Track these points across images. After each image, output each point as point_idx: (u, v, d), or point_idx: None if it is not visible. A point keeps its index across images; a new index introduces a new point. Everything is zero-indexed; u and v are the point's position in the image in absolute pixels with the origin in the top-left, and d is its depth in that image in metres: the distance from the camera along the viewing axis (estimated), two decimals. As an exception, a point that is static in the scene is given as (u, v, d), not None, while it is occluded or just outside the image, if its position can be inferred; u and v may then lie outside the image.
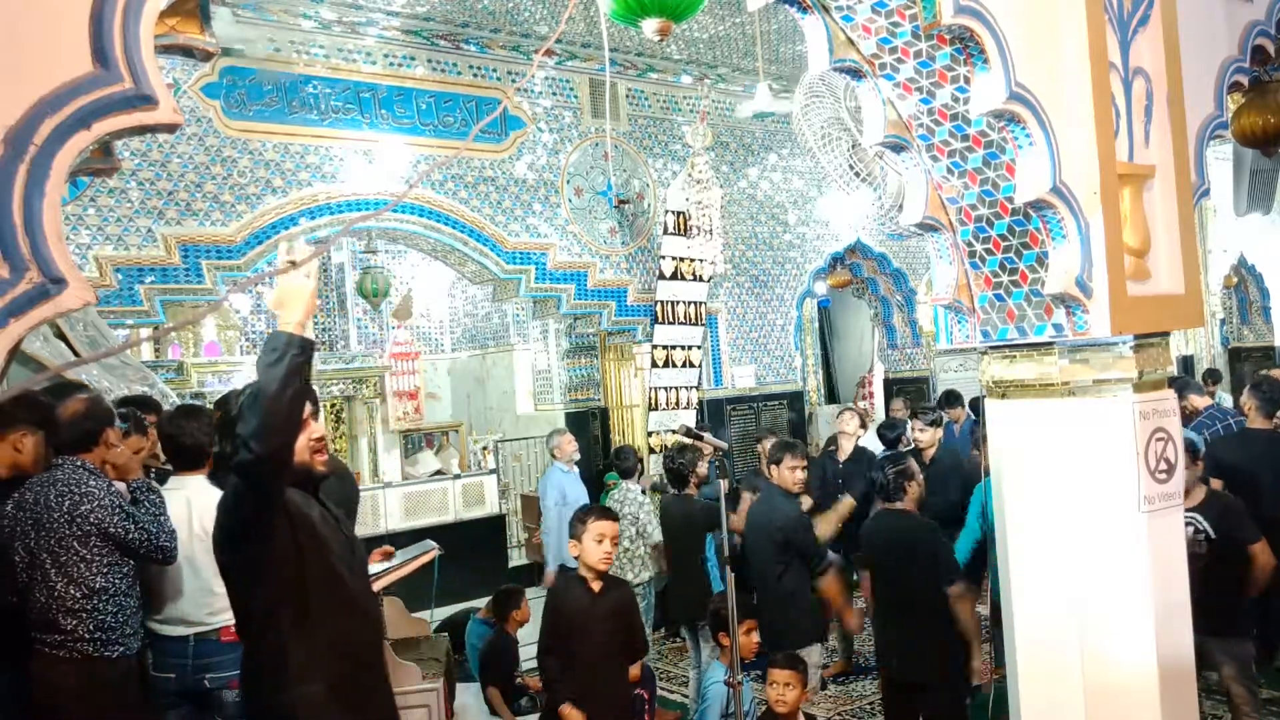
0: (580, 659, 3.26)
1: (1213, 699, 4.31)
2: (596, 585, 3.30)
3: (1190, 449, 3.84)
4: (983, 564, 4.61)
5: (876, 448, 7.54)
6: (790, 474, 4.41)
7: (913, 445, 5.74)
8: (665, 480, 5.53)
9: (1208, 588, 3.66)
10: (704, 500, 5.40)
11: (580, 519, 3.32)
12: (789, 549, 4.30)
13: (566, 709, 3.19)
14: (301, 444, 2.31)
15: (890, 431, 6.36)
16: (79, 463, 2.97)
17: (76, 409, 3.06)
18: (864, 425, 6.16)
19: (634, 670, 3.66)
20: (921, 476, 4.10)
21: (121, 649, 2.92)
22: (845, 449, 5.92)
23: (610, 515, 3.35)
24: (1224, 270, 12.52)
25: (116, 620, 2.92)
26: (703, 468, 5.23)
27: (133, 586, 3.03)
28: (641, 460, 6.60)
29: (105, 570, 2.91)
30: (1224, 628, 3.78)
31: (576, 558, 3.33)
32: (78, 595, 2.86)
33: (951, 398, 7.76)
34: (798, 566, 4.34)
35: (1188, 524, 3.80)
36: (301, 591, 2.25)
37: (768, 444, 6.18)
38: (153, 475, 3.55)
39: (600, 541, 3.25)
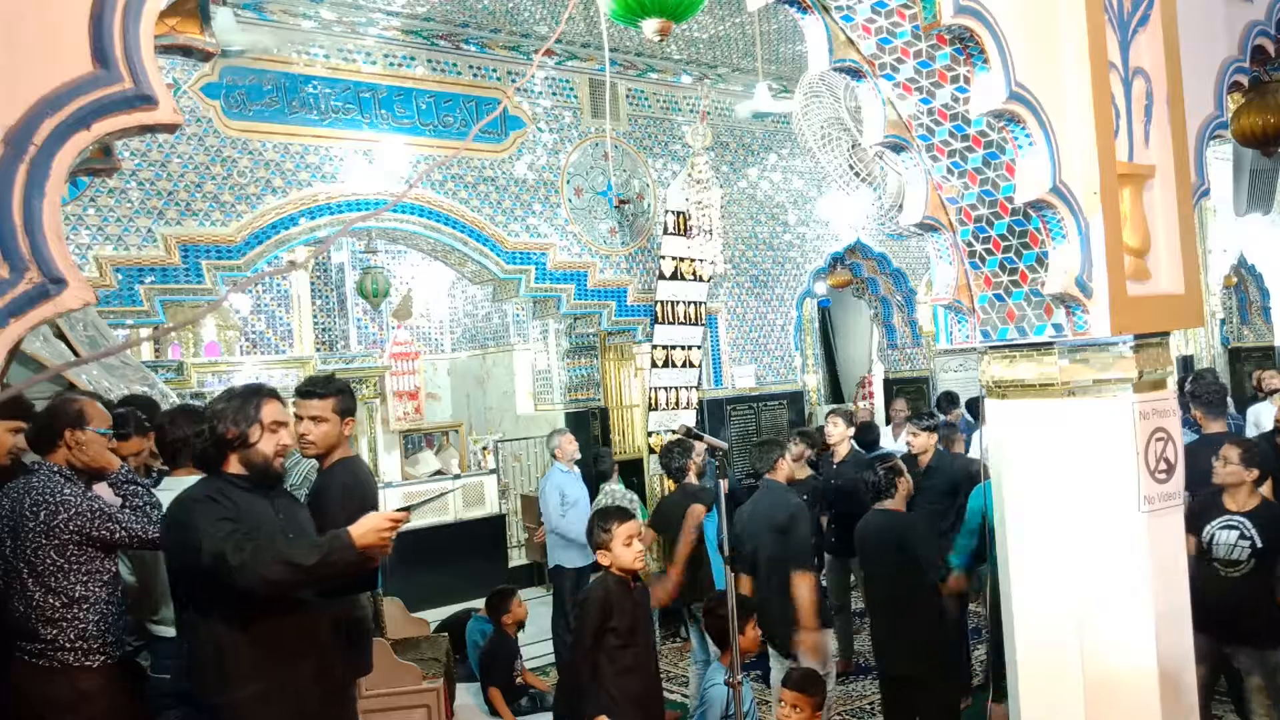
0: (639, 658, 3.24)
1: (1212, 700, 4.30)
2: (633, 585, 3.29)
3: (1247, 453, 3.75)
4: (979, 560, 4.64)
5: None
6: (796, 464, 4.55)
7: (907, 450, 5.72)
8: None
9: (1247, 597, 3.63)
10: (701, 486, 5.44)
11: (604, 527, 3.27)
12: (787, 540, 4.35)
13: None
14: (269, 447, 2.57)
15: (867, 434, 6.35)
16: (54, 468, 2.89)
17: (49, 407, 3.02)
18: (853, 424, 6.18)
19: None
20: (908, 474, 4.18)
21: (103, 658, 2.86)
22: (840, 452, 5.95)
23: (629, 515, 3.33)
24: (1224, 270, 12.52)
25: (98, 629, 2.86)
26: (697, 458, 5.32)
27: (114, 594, 2.96)
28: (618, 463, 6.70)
29: (85, 579, 2.85)
30: (1259, 638, 3.72)
31: (608, 566, 3.29)
32: (57, 604, 2.80)
33: (951, 399, 7.75)
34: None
35: (1233, 528, 3.72)
36: (239, 599, 2.38)
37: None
38: (154, 475, 3.54)
39: (630, 544, 3.23)
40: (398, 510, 2.40)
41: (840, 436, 5.90)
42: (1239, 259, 12.68)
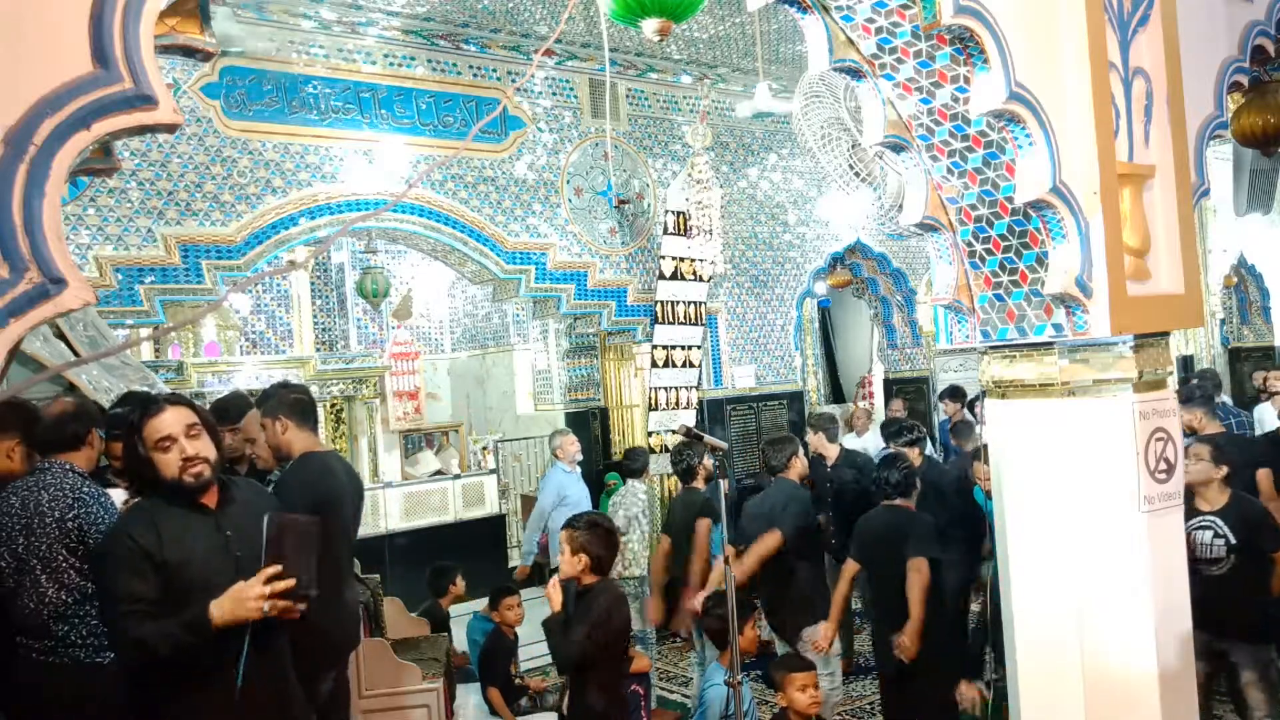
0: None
1: (1212, 700, 4.30)
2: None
3: (1218, 450, 3.79)
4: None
5: (876, 447, 7.51)
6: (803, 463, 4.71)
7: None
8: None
9: (1232, 593, 3.67)
10: (707, 494, 5.42)
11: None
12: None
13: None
14: (169, 468, 2.36)
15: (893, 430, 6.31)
16: (68, 466, 2.89)
17: (64, 409, 3.01)
18: (850, 427, 6.16)
19: (637, 663, 3.75)
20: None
21: (114, 655, 2.82)
22: (830, 456, 5.94)
23: (566, 526, 3.33)
24: (1224, 270, 12.51)
25: None
26: (710, 461, 5.32)
27: None
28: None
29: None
30: (1249, 633, 3.76)
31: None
32: (70, 601, 2.79)
33: (955, 393, 7.71)
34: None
35: (1207, 528, 3.77)
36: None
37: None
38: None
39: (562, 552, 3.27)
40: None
41: (830, 448, 5.90)
42: (1239, 259, 12.67)
